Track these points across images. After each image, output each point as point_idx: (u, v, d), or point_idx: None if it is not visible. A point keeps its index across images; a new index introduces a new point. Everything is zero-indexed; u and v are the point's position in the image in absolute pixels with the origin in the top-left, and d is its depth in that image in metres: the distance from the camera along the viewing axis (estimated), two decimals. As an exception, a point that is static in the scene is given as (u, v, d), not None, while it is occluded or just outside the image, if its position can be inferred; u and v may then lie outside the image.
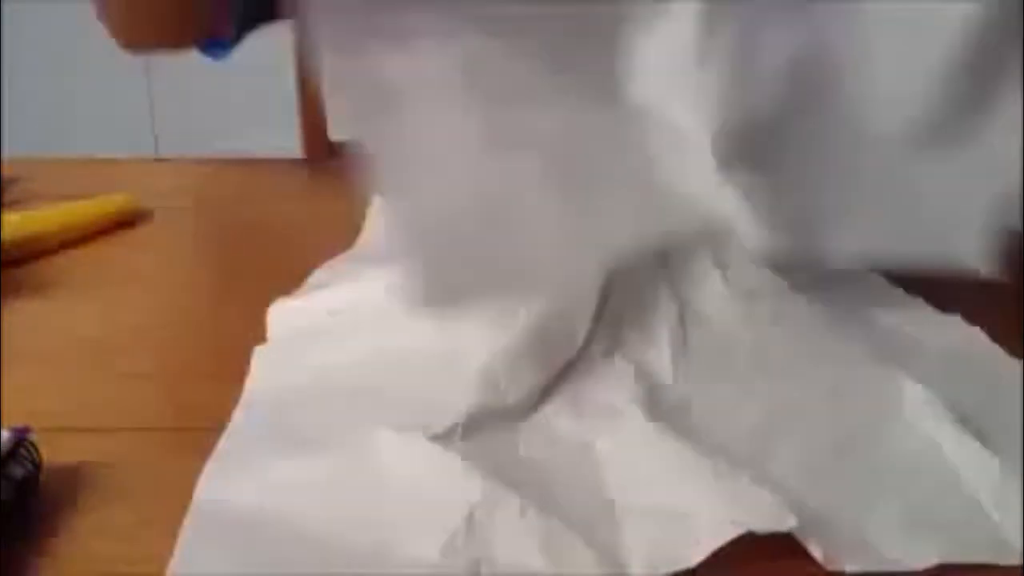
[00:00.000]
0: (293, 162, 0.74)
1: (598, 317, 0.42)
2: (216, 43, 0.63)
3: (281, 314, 0.45)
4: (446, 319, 0.41)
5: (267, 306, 0.47)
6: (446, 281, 0.41)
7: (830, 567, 0.30)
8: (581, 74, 0.42)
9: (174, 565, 0.29)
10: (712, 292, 0.44)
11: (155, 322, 0.47)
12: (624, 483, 0.34)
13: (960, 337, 0.44)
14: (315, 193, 0.66)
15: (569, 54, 0.42)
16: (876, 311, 0.46)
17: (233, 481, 0.33)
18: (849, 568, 0.31)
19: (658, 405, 0.38)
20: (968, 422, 0.37)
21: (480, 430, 0.36)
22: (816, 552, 0.31)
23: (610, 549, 0.31)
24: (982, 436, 0.36)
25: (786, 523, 0.31)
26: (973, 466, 0.35)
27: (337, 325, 0.44)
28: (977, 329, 0.45)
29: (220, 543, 0.31)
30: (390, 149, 0.41)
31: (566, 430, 0.37)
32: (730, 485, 0.33)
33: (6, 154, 0.71)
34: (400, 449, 0.35)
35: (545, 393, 0.39)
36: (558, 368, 0.40)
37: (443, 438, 0.35)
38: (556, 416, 0.38)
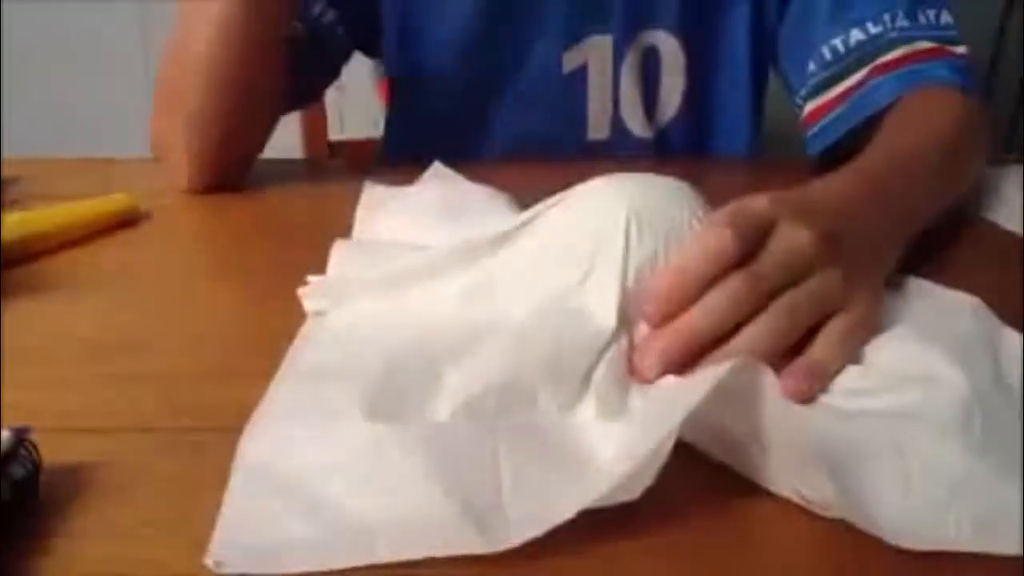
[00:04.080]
0: (293, 162, 0.74)
1: None
2: None
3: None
4: None
5: (266, 306, 0.47)
6: None
7: None
8: None
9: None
10: None
11: (155, 322, 0.47)
12: None
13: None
14: (315, 193, 0.66)
15: None
16: None
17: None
18: None
19: None
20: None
21: None
22: None
23: None
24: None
25: None
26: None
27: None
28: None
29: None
30: None
31: None
32: None
33: (6, 154, 0.71)
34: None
35: None
36: None
37: None
38: None
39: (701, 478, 0.34)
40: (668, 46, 0.80)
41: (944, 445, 0.34)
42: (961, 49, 0.72)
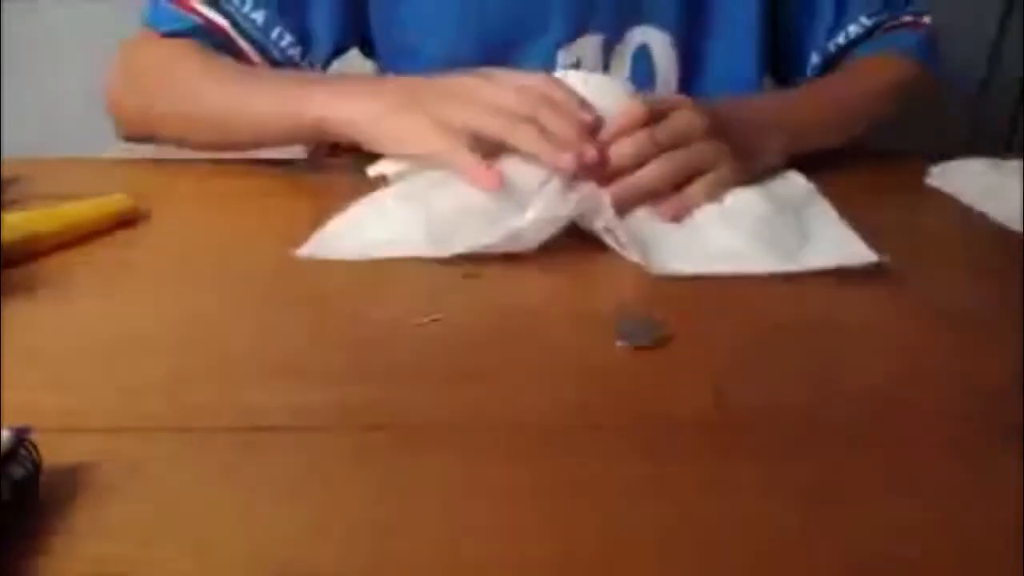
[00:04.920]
0: (293, 162, 0.74)
1: None
2: None
3: None
4: None
5: (267, 306, 0.47)
6: None
7: None
8: None
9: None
10: None
11: (155, 322, 0.47)
12: None
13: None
14: (315, 193, 0.66)
15: None
16: None
17: None
18: None
19: None
20: None
21: None
22: None
23: None
24: None
25: None
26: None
27: None
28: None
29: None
30: None
31: None
32: None
33: (6, 154, 0.71)
34: None
35: None
36: None
37: None
38: None
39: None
40: (659, 42, 0.80)
41: (730, 224, 0.57)
42: (928, 20, 0.84)
